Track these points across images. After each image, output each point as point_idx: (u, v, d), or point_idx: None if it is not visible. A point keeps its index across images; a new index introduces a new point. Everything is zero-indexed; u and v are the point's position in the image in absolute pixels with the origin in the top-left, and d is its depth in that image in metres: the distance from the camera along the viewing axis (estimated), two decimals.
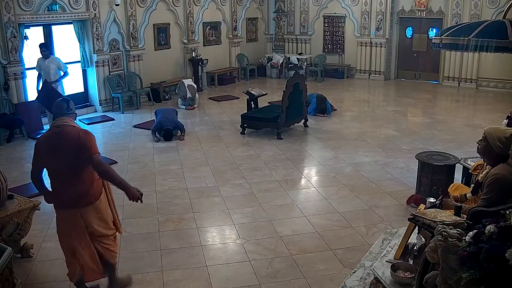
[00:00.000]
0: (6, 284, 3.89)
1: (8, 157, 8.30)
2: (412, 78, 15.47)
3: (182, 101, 11.98)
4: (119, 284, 4.36)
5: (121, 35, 11.93)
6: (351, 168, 7.62)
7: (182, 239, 5.33)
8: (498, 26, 5.21)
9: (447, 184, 5.49)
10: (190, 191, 6.73)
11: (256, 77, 16.18)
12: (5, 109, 9.45)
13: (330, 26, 16.10)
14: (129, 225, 5.67)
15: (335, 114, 11.16)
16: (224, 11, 15.19)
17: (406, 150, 8.40)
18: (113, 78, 11.74)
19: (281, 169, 7.57)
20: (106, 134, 9.85)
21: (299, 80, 9.70)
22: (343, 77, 15.81)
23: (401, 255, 3.83)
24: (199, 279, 4.57)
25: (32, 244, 5.03)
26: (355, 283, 3.85)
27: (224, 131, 9.85)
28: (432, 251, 2.69)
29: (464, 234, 2.66)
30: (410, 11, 14.79)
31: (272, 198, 6.46)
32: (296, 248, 5.10)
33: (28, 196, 5.49)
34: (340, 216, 5.87)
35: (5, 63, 9.47)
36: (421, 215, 3.46)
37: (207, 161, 8.00)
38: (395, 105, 12.23)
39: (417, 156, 6.41)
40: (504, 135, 3.80)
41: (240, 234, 5.46)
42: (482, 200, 3.79)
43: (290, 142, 9.04)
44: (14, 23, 9.50)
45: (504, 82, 13.78)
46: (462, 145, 8.57)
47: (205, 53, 14.27)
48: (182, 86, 11.97)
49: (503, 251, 2.34)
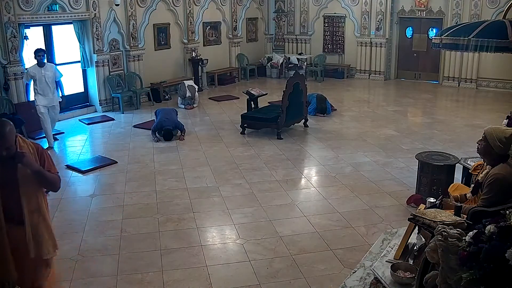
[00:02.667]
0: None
1: None
2: (412, 78, 15.47)
3: (182, 100, 11.99)
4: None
5: (121, 35, 11.93)
6: (351, 168, 7.62)
7: (182, 239, 5.33)
8: (498, 26, 5.21)
9: (447, 184, 5.49)
10: (190, 191, 6.73)
11: (256, 77, 16.18)
12: (5, 109, 9.43)
13: (330, 26, 16.10)
14: (129, 225, 5.68)
15: (335, 114, 11.16)
16: (224, 11, 15.19)
17: (406, 150, 8.40)
18: (113, 78, 11.74)
19: (281, 169, 7.57)
20: (106, 134, 9.84)
21: (299, 80, 9.70)
22: (343, 77, 15.81)
23: (401, 255, 3.83)
24: (199, 279, 4.57)
25: None
26: (355, 283, 3.85)
27: (224, 131, 9.85)
28: (432, 251, 2.69)
29: (464, 234, 2.66)
30: (410, 11, 14.78)
31: (272, 198, 6.46)
32: (296, 248, 5.10)
33: None
34: (340, 216, 5.87)
35: (5, 63, 9.47)
36: (421, 215, 3.46)
37: (207, 161, 8.00)
38: (395, 105, 12.23)
39: (417, 156, 6.41)
40: (504, 135, 3.80)
41: (240, 234, 5.46)
42: (482, 200, 3.79)
43: (290, 142, 9.04)
44: (14, 23, 9.49)
45: (504, 82, 13.78)
46: (462, 145, 8.57)
47: (205, 53, 14.27)
48: (183, 86, 12.00)
49: (503, 251, 2.34)
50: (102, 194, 6.71)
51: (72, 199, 6.57)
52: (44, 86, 8.45)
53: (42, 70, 8.44)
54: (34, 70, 8.47)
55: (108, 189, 6.86)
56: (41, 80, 8.40)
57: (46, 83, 8.45)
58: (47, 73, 8.49)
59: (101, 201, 6.50)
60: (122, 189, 6.83)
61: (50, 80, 8.51)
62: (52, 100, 8.64)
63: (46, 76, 8.45)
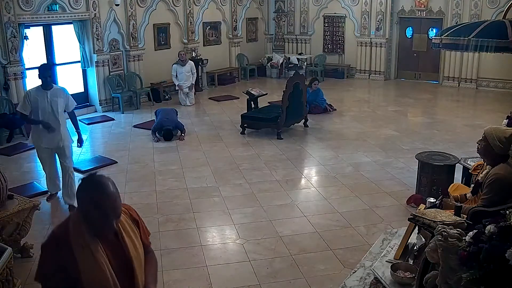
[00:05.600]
0: (6, 284, 3.88)
1: (8, 157, 8.30)
2: (412, 78, 15.46)
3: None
4: None
5: (121, 35, 11.93)
6: (351, 168, 7.62)
7: (182, 239, 5.33)
8: (498, 26, 5.20)
9: (447, 184, 5.48)
10: (190, 191, 6.73)
11: (256, 77, 16.18)
12: (5, 109, 9.44)
13: (330, 26, 16.10)
14: None
15: (335, 114, 11.16)
16: (224, 11, 15.19)
17: (406, 150, 8.40)
18: (113, 78, 11.74)
19: (281, 169, 7.57)
20: (106, 134, 9.84)
21: (299, 80, 9.70)
22: (343, 77, 15.81)
23: (401, 255, 3.83)
24: (199, 279, 4.57)
25: (32, 244, 5.03)
26: (355, 283, 3.84)
27: (224, 131, 9.85)
28: (432, 251, 2.69)
29: (464, 234, 2.66)
30: (410, 11, 14.78)
31: (272, 198, 6.46)
32: (296, 248, 5.10)
33: (28, 196, 5.50)
34: (340, 216, 5.87)
35: (5, 63, 9.47)
36: (421, 215, 3.46)
37: (207, 161, 8.00)
38: (395, 105, 12.23)
39: (417, 156, 6.41)
40: (504, 135, 3.80)
41: (240, 234, 5.46)
42: (482, 200, 3.79)
43: (290, 142, 9.04)
44: (14, 23, 9.50)
45: (504, 82, 13.78)
46: (462, 145, 8.57)
47: (205, 53, 14.27)
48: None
49: (503, 251, 2.34)
50: None
51: None
52: (49, 118, 5.86)
53: (48, 94, 5.83)
54: (36, 94, 5.85)
55: None
56: (45, 109, 5.84)
57: (52, 114, 5.86)
58: (55, 100, 5.86)
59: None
60: (122, 189, 6.82)
61: (59, 110, 5.91)
62: (60, 140, 5.98)
63: (53, 104, 5.85)
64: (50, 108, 5.85)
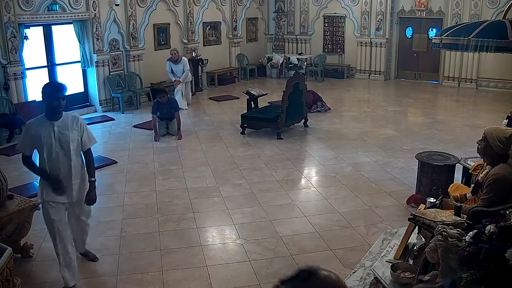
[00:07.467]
0: (6, 284, 3.88)
1: (8, 157, 8.30)
2: (412, 78, 15.46)
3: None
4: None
5: (121, 35, 11.93)
6: (351, 168, 7.61)
7: (182, 239, 5.33)
8: (498, 26, 5.20)
9: (447, 184, 5.48)
10: (190, 191, 6.73)
11: (256, 77, 16.18)
12: (5, 109, 9.44)
13: (330, 26, 16.10)
14: (129, 225, 5.68)
15: (335, 114, 11.16)
16: (224, 11, 15.19)
17: (406, 150, 8.40)
18: (113, 78, 11.74)
19: (281, 169, 7.57)
20: (106, 134, 9.84)
21: (299, 80, 9.70)
22: (343, 77, 15.80)
23: (401, 255, 3.83)
24: (199, 279, 4.57)
25: (32, 244, 5.03)
26: (355, 283, 3.84)
27: (224, 131, 9.85)
28: (432, 251, 2.69)
29: (464, 234, 2.67)
30: (410, 11, 14.78)
31: (272, 198, 6.46)
32: (296, 248, 5.09)
33: (28, 196, 5.50)
34: (340, 216, 5.87)
35: (5, 63, 9.47)
36: (421, 215, 3.46)
37: (207, 161, 8.00)
38: (395, 105, 12.23)
39: (417, 156, 6.41)
40: (504, 135, 3.80)
41: (240, 234, 5.46)
42: (482, 200, 3.79)
43: (290, 142, 9.04)
44: (14, 23, 9.49)
45: (504, 82, 13.78)
46: (462, 145, 8.57)
47: (205, 53, 14.27)
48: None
49: (503, 251, 2.34)
50: (102, 194, 6.68)
51: None
52: (57, 163, 4.16)
53: (55, 127, 4.12)
54: (38, 127, 4.12)
55: (108, 189, 6.86)
56: (51, 149, 4.12)
57: (63, 156, 4.16)
58: (65, 135, 4.16)
59: (101, 201, 6.44)
60: (122, 189, 6.83)
61: (71, 149, 4.17)
62: (75, 192, 4.30)
63: (63, 140, 4.15)
64: (58, 147, 4.11)
